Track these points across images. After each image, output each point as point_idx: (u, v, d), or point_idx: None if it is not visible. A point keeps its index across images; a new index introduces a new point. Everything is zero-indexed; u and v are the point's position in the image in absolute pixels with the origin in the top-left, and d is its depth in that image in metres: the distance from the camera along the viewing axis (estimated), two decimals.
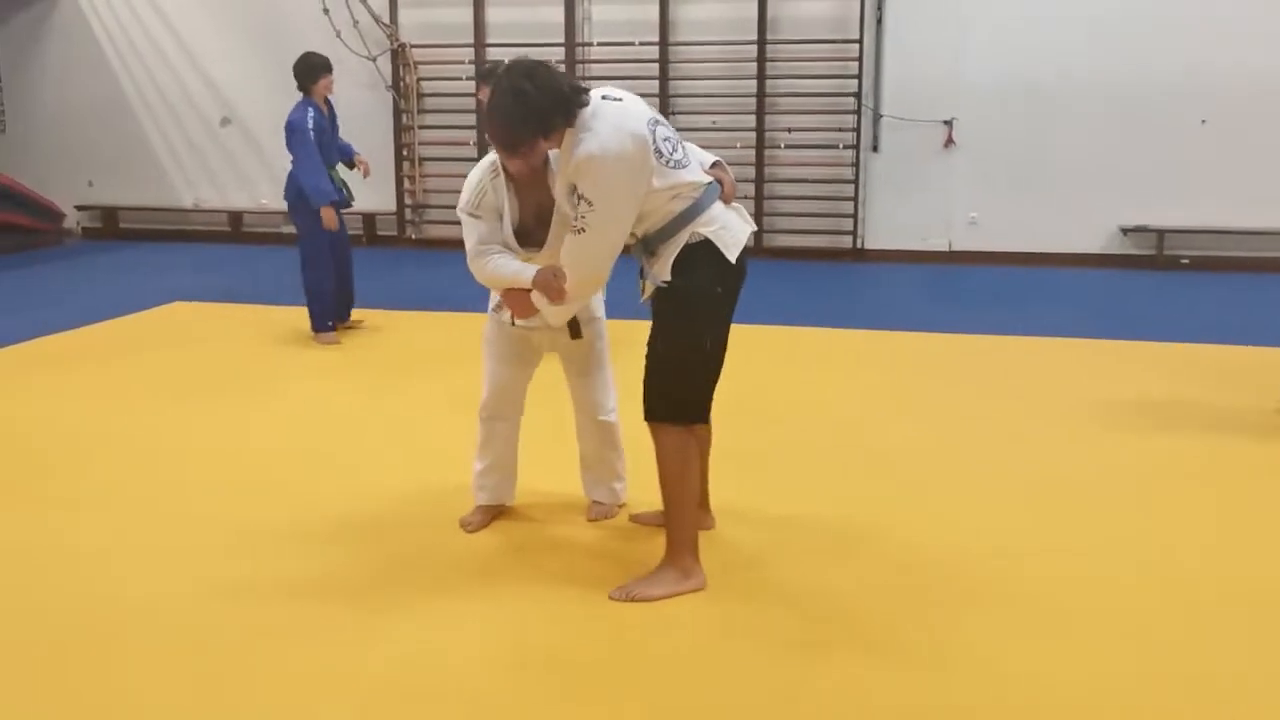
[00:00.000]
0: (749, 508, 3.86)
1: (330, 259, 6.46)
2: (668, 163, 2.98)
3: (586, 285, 3.13)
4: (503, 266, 3.25)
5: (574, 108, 2.94)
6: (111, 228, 11.18)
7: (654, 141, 2.96)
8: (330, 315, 6.52)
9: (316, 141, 6.33)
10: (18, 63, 11.11)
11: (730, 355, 3.29)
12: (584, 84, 3.06)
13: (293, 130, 6.35)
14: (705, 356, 3.16)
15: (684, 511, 3.19)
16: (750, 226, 3.19)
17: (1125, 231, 9.08)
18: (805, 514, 3.84)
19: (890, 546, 3.57)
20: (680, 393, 3.16)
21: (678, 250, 3.03)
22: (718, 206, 3.08)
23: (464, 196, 3.32)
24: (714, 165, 3.22)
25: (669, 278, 3.05)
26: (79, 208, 11.20)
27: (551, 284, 3.12)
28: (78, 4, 10.85)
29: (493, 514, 3.72)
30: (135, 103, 10.93)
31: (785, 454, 4.49)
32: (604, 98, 3.01)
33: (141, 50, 10.79)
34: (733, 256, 3.06)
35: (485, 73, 6.51)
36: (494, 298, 3.53)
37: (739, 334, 3.33)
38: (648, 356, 3.18)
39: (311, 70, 6.46)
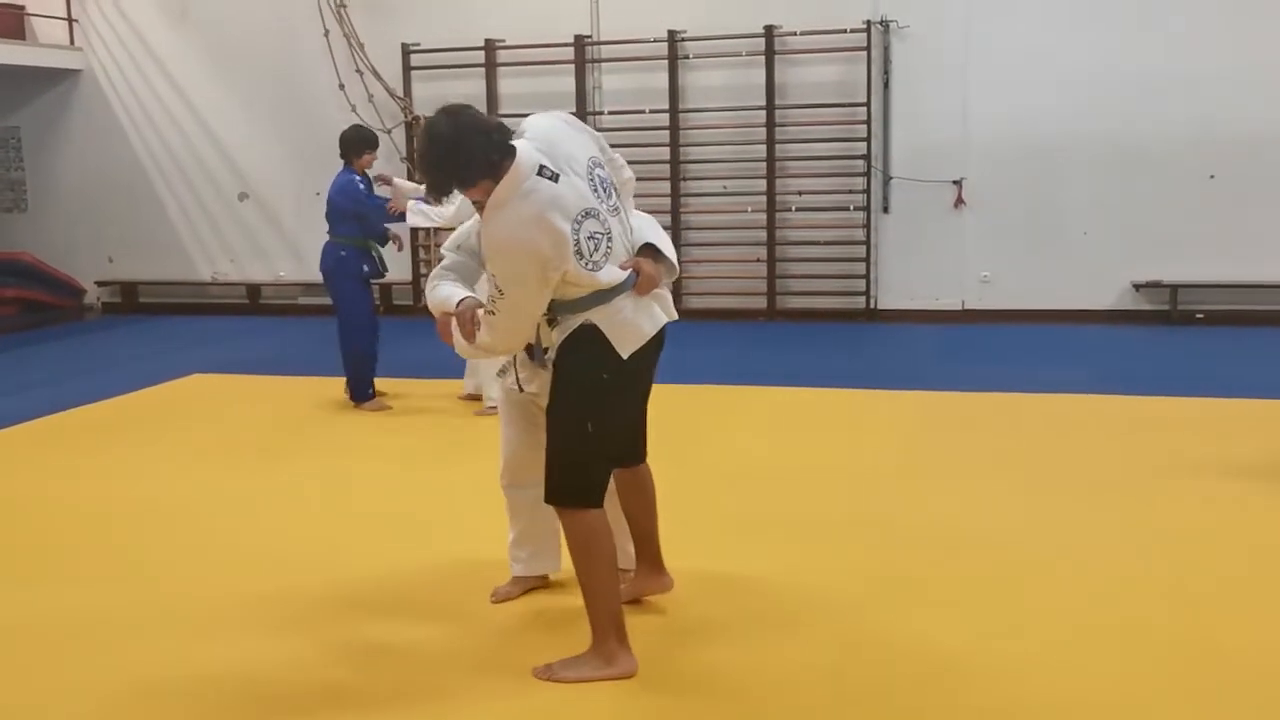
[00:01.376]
0: (731, 575, 3.86)
1: (371, 326, 6.59)
2: (586, 264, 2.95)
3: (499, 349, 3.20)
4: (440, 289, 3.27)
5: (500, 162, 2.91)
6: (131, 302, 11.37)
7: (577, 240, 2.91)
8: (371, 383, 6.62)
9: (356, 213, 6.47)
10: (40, 141, 11.40)
11: (744, 417, 3.37)
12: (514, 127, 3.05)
13: (343, 192, 6.49)
14: (592, 440, 3.08)
15: (597, 597, 3.11)
16: (663, 319, 3.14)
17: (1138, 287, 9.15)
18: (788, 584, 3.78)
19: (868, 626, 3.48)
20: (571, 476, 3.11)
21: (569, 331, 3.05)
22: (624, 299, 3.03)
23: (450, 237, 3.45)
24: (643, 248, 3.13)
25: (553, 356, 3.11)
26: (99, 283, 11.41)
27: (466, 322, 3.14)
28: (98, 82, 11.16)
29: (528, 585, 3.66)
30: (154, 178, 11.18)
31: (787, 519, 4.51)
32: (541, 170, 2.91)
33: (160, 127, 11.07)
34: (624, 351, 3.03)
35: None
36: (498, 362, 3.56)
37: (755, 396, 3.41)
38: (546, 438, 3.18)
39: (361, 142, 6.65)
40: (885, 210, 9.50)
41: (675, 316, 3.22)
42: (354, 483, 5.14)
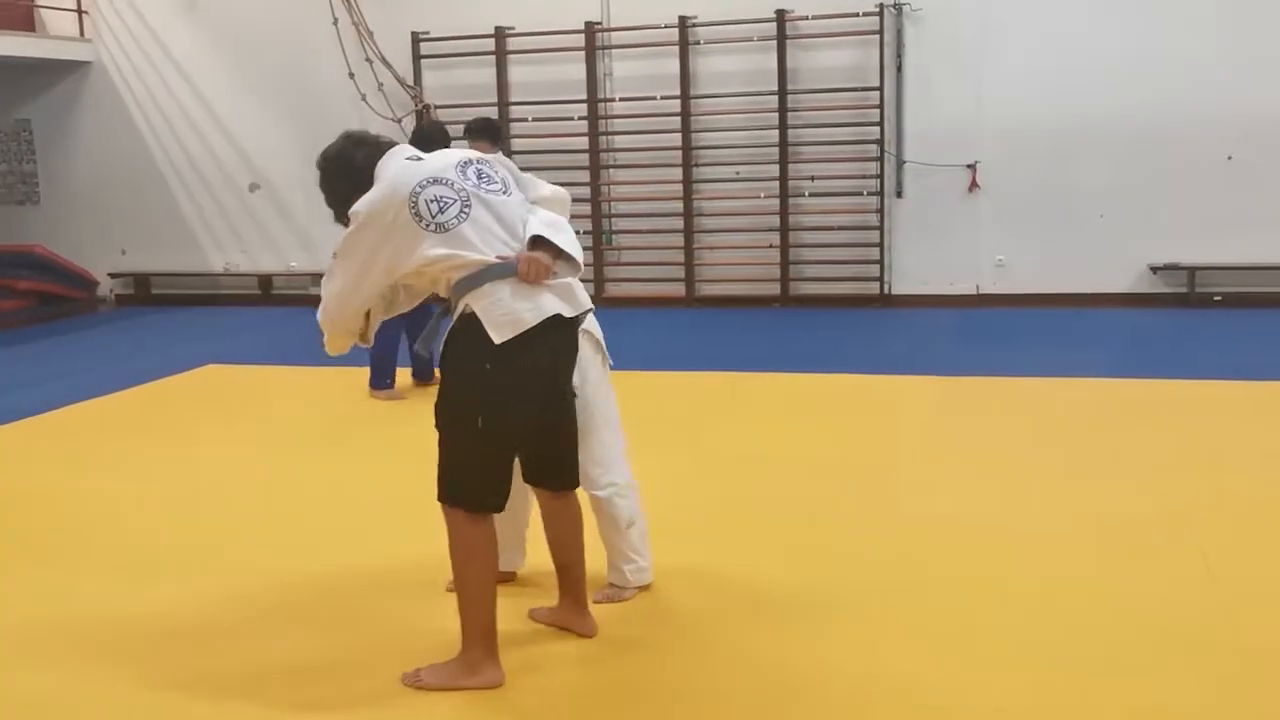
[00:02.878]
0: (731, 565, 3.87)
1: (400, 318, 6.60)
2: (426, 225, 2.90)
3: (326, 324, 3.18)
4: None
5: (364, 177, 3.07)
6: (144, 294, 11.46)
7: (415, 202, 2.91)
8: (391, 373, 6.67)
9: None
10: (51, 134, 11.48)
11: (757, 404, 3.38)
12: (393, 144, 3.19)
13: None
14: (480, 439, 2.95)
15: (470, 606, 3.01)
16: (556, 310, 2.96)
17: (1155, 270, 9.14)
18: (780, 579, 3.77)
19: (883, 616, 3.52)
20: (458, 476, 2.98)
21: (454, 320, 2.98)
22: (502, 283, 2.91)
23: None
24: (533, 239, 3.00)
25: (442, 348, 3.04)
26: (112, 275, 11.50)
27: None
28: (108, 74, 11.23)
29: (502, 579, 3.53)
30: (166, 170, 11.25)
31: (797, 507, 4.51)
32: (407, 159, 3.08)
33: (171, 118, 11.14)
34: (496, 337, 2.88)
35: (477, 129, 6.67)
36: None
37: (769, 382, 3.42)
38: None
39: (436, 142, 6.50)
40: (899, 195, 9.50)
41: (584, 308, 3.07)
42: (366, 471, 5.19)
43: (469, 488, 2.98)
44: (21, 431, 6.16)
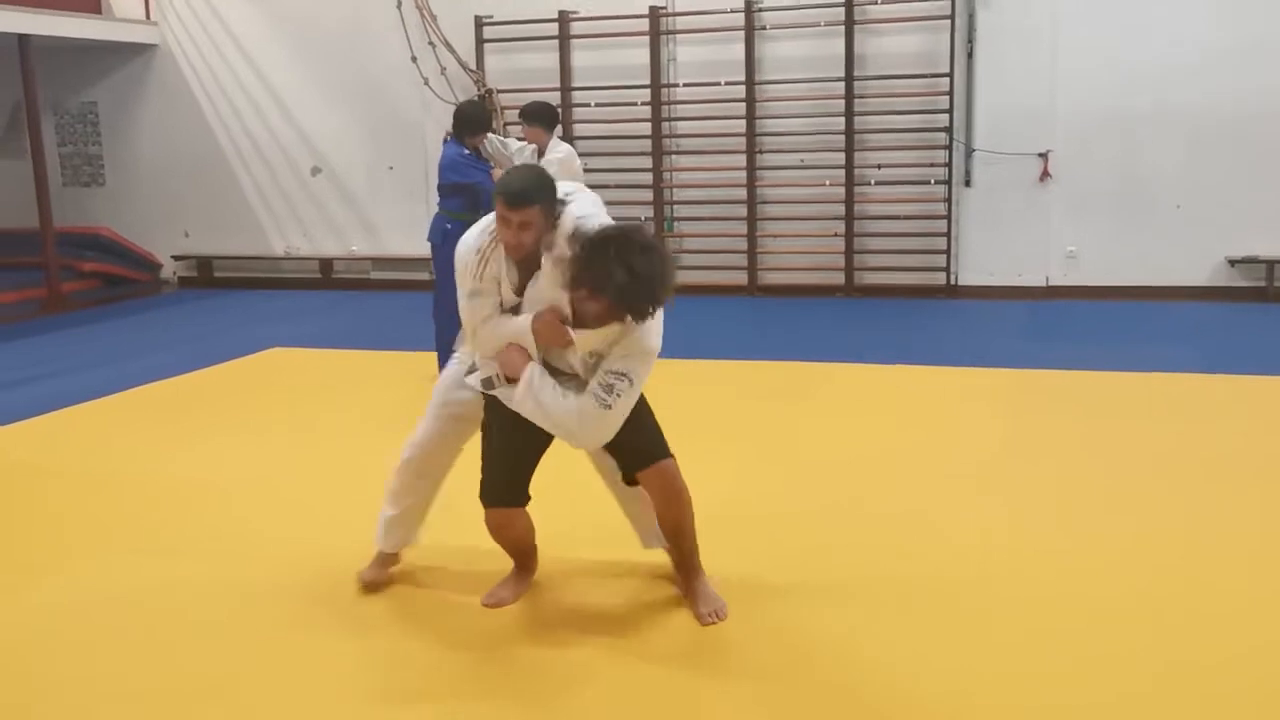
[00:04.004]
0: (798, 564, 3.88)
1: None
2: None
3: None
4: (503, 326, 3.23)
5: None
6: (206, 276, 11.64)
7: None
8: None
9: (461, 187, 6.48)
10: (117, 116, 11.68)
11: (821, 397, 3.36)
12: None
13: (451, 165, 6.51)
14: (493, 441, 3.41)
15: (691, 536, 3.47)
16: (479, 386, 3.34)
17: (1232, 263, 8.96)
18: (863, 577, 3.78)
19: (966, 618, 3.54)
20: (483, 473, 3.45)
21: None
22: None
23: (467, 273, 3.24)
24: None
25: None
26: (175, 257, 11.69)
27: (556, 326, 3.18)
28: (174, 57, 11.39)
29: (392, 561, 3.77)
30: (229, 152, 11.40)
31: (861, 508, 4.47)
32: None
33: (235, 101, 11.28)
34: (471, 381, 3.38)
35: (532, 113, 6.68)
36: (471, 368, 3.42)
37: (832, 373, 3.40)
38: None
39: (472, 123, 6.57)
40: (967, 184, 9.39)
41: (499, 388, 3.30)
42: None
43: (484, 484, 3.46)
44: (89, 413, 6.28)
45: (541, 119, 6.73)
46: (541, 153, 6.64)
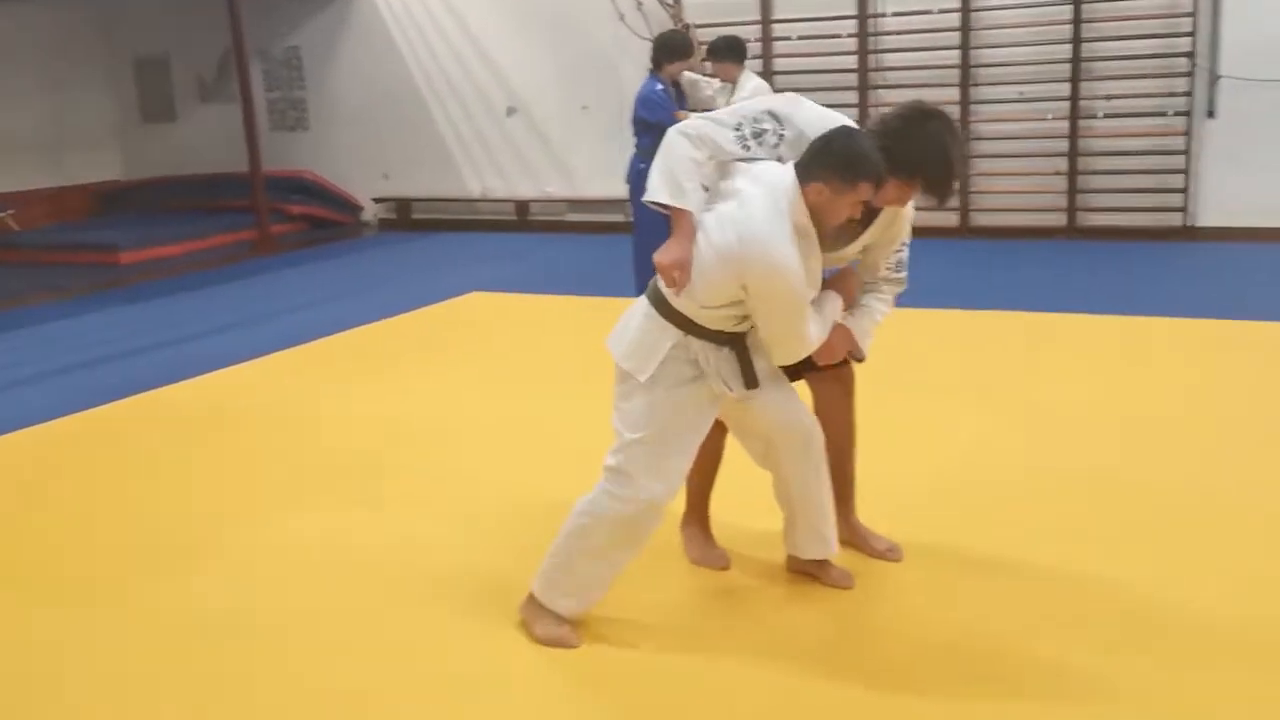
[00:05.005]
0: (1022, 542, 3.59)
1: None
2: None
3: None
4: (820, 318, 2.92)
5: None
6: (405, 219, 11.88)
7: None
8: None
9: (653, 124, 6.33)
10: (319, 60, 11.97)
11: (1043, 350, 3.10)
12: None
13: (644, 101, 6.41)
14: None
15: None
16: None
17: None
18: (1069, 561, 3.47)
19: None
20: None
21: None
22: None
23: (793, 271, 2.72)
24: None
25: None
26: (376, 200, 11.96)
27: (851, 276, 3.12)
28: (374, 2, 11.56)
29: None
30: (426, 95, 11.55)
31: (1079, 475, 4.14)
32: None
33: (432, 42, 11.39)
34: None
35: (722, 48, 6.41)
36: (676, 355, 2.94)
37: (1053, 324, 3.07)
38: None
39: (668, 49, 6.49)
40: (1210, 115, 8.62)
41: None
42: None
43: None
44: (302, 356, 6.44)
45: (730, 53, 6.50)
46: (733, 88, 6.42)
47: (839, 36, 9.52)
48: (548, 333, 6.81)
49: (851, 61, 9.50)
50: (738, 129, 2.86)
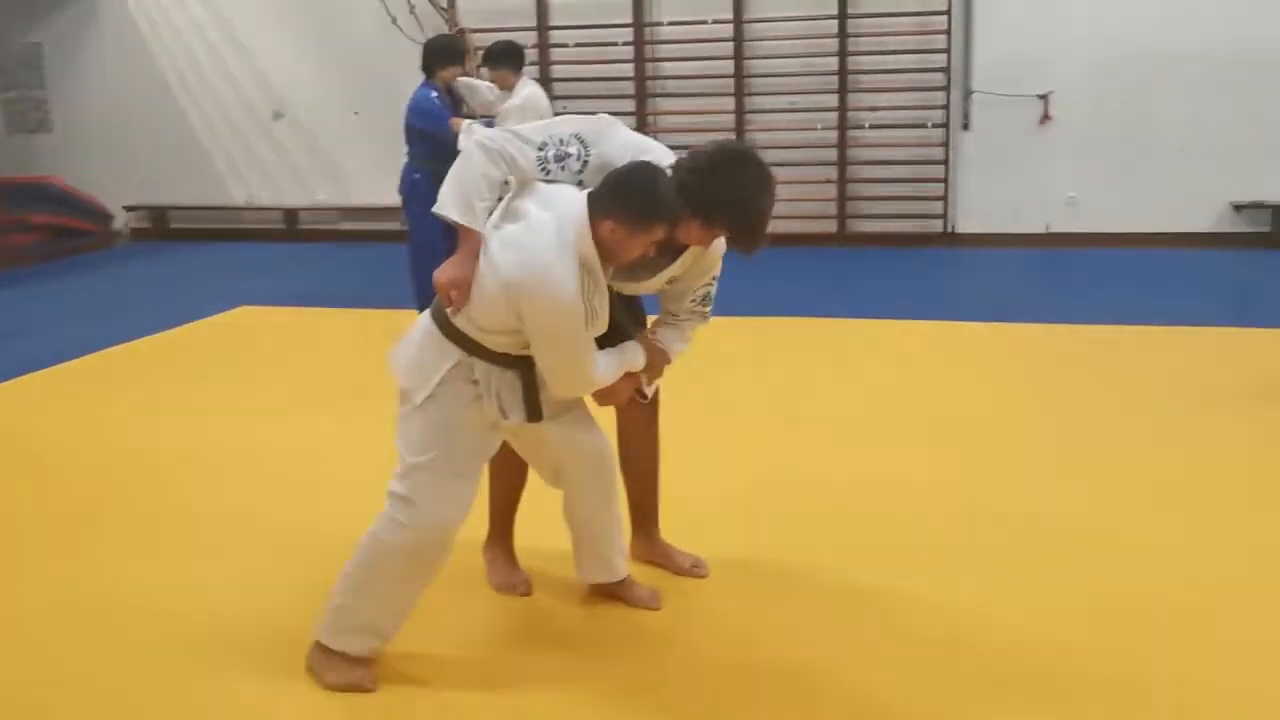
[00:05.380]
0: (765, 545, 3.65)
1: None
2: None
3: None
4: (611, 359, 2.83)
5: None
6: (161, 228, 11.21)
7: None
8: None
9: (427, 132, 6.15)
10: (63, 60, 11.15)
11: (811, 352, 3.21)
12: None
13: (416, 109, 6.20)
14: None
15: None
16: None
17: (1238, 208, 8.81)
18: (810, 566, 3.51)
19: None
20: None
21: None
22: None
23: (572, 307, 2.60)
24: None
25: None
26: (128, 208, 11.23)
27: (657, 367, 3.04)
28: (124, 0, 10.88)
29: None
30: (183, 98, 10.93)
31: (852, 476, 4.24)
32: None
33: (189, 42, 10.80)
34: None
35: (497, 54, 6.35)
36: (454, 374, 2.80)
37: (823, 329, 3.16)
38: None
39: (441, 53, 6.32)
40: (965, 127, 9.15)
41: None
42: None
43: None
44: (44, 382, 5.92)
45: (507, 60, 6.40)
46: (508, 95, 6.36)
47: (616, 45, 9.57)
48: (323, 349, 6.53)
49: (629, 70, 9.57)
50: (541, 149, 2.75)
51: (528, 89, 6.42)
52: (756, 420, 4.91)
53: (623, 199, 2.63)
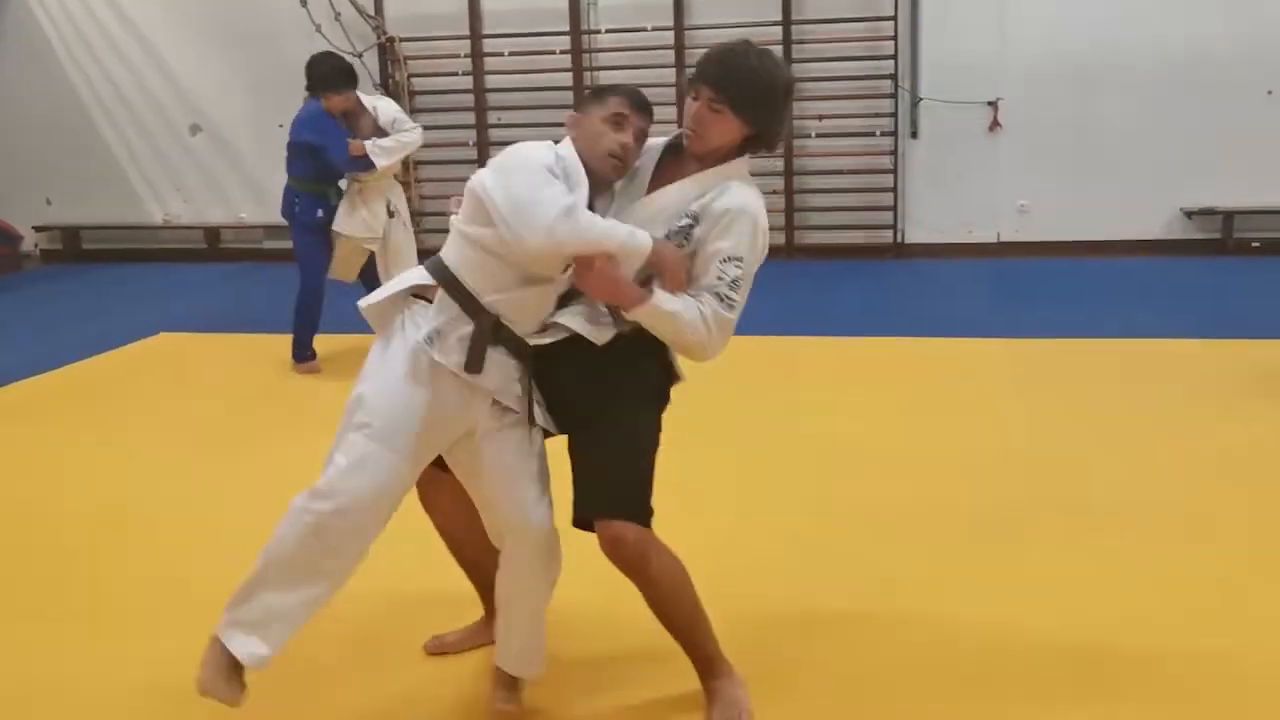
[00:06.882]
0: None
1: (319, 282, 6.18)
2: None
3: (715, 352, 2.74)
4: (602, 223, 2.56)
5: None
6: (73, 249, 10.78)
7: None
8: (308, 343, 6.23)
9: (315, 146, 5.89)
10: None
11: (758, 372, 2.99)
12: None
13: (303, 123, 5.91)
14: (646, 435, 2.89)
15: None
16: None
17: (1189, 214, 8.84)
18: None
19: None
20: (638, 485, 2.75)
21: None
22: None
23: (534, 145, 2.64)
24: None
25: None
26: (37, 228, 10.79)
27: (679, 271, 2.62)
28: (28, 6, 10.44)
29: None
30: (95, 112, 10.53)
31: (803, 501, 4.13)
32: None
33: (100, 54, 10.40)
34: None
35: (343, 76, 5.96)
36: (421, 324, 2.65)
37: (771, 347, 3.03)
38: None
39: (329, 78, 5.86)
40: (913, 135, 9.09)
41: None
42: None
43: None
44: None
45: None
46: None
47: (553, 53, 9.38)
48: (250, 378, 6.23)
49: (566, 79, 9.37)
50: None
51: (381, 102, 6.31)
52: (701, 442, 4.73)
53: (583, 101, 2.78)
